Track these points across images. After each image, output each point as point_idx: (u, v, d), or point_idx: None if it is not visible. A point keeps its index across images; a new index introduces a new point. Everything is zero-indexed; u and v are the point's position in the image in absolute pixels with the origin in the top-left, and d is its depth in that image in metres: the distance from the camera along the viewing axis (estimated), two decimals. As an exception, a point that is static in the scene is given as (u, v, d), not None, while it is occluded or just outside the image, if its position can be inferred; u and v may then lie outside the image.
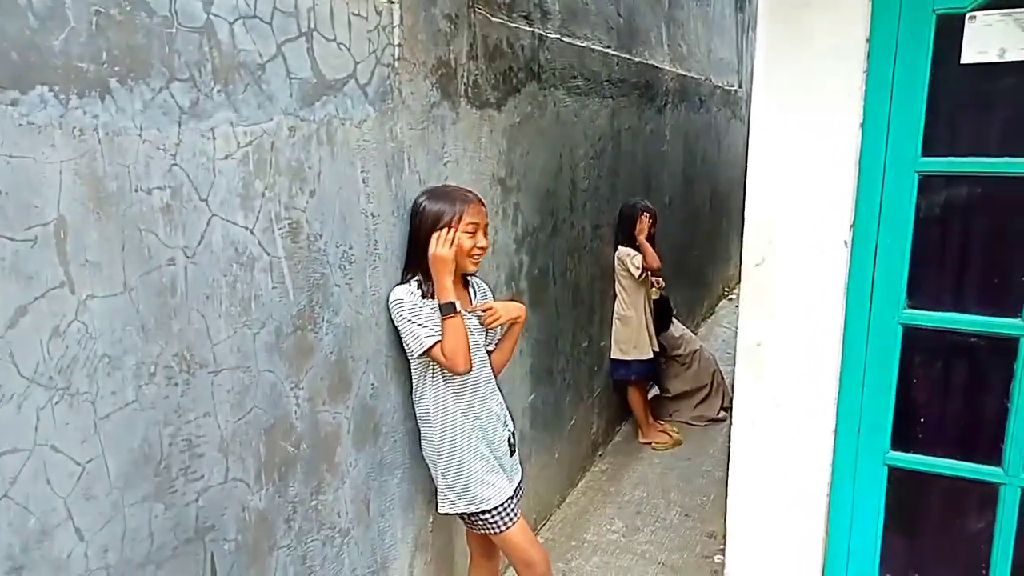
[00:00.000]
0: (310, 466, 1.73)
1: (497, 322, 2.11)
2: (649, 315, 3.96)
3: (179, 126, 1.33)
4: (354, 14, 1.79)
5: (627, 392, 4.03)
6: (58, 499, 1.17)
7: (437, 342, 1.93)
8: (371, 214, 1.90)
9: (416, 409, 2.08)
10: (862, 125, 1.75)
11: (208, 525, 1.45)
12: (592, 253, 3.58)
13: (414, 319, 1.94)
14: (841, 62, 1.75)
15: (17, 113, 1.07)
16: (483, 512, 2.05)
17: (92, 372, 1.21)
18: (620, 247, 3.83)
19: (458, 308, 1.94)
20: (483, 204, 2.06)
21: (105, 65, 1.19)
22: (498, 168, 2.60)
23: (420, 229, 2.00)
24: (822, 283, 1.86)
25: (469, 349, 1.95)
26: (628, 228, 3.80)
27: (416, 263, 2.01)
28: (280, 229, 1.59)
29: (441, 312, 1.93)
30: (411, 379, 2.08)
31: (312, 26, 1.65)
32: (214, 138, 1.41)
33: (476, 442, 2.05)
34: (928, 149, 1.70)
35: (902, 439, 1.85)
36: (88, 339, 1.20)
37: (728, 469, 2.08)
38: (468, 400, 2.04)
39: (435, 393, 2.02)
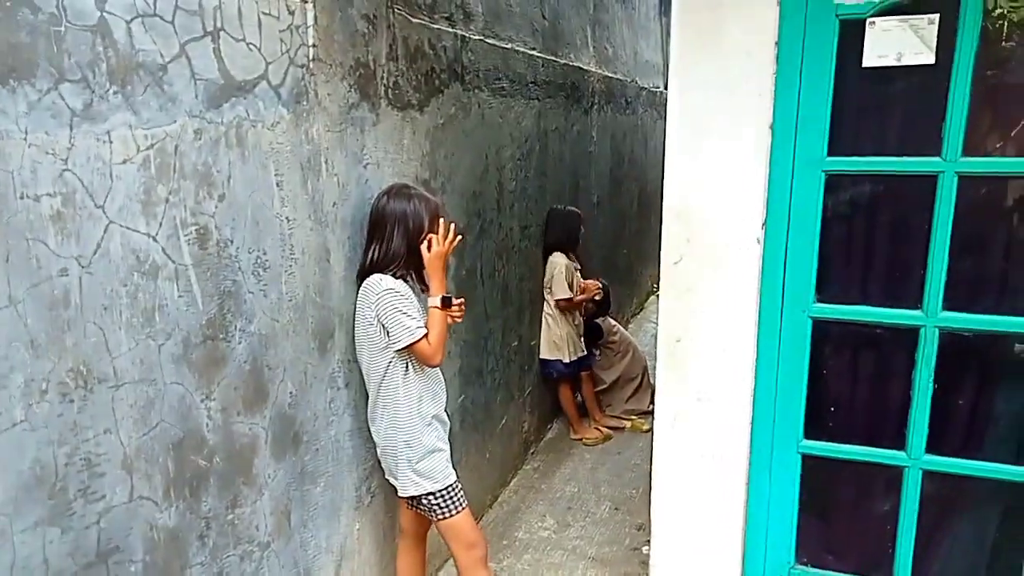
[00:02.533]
0: (224, 479, 1.68)
1: (461, 318, 2.23)
2: (576, 318, 4.02)
3: (71, 129, 1.27)
4: (264, 13, 1.74)
5: (558, 390, 4.07)
6: (-62, 528, 1.10)
7: (425, 335, 2.05)
8: (286, 218, 1.85)
9: (380, 400, 2.12)
10: (771, 126, 1.80)
11: (111, 547, 1.38)
12: (521, 253, 3.59)
13: (406, 310, 2.04)
14: (752, 64, 1.80)
15: None
16: (443, 489, 2.14)
17: (-25, 391, 1.13)
18: (555, 254, 3.85)
19: (453, 303, 2.14)
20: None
21: (-17, 65, 1.12)
22: (421, 170, 2.58)
23: (405, 229, 2.10)
24: (737, 279, 1.92)
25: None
26: (561, 233, 3.86)
27: (393, 262, 2.10)
28: (186, 235, 1.53)
29: (441, 304, 2.10)
30: (334, 386, 2.03)
31: (218, 25, 1.59)
32: (111, 142, 1.35)
33: (437, 427, 2.18)
34: (834, 149, 1.77)
35: (814, 427, 1.93)
36: (-31, 356, 1.12)
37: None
38: (433, 388, 2.18)
39: (406, 382, 2.11)
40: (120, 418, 1.39)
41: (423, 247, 2.11)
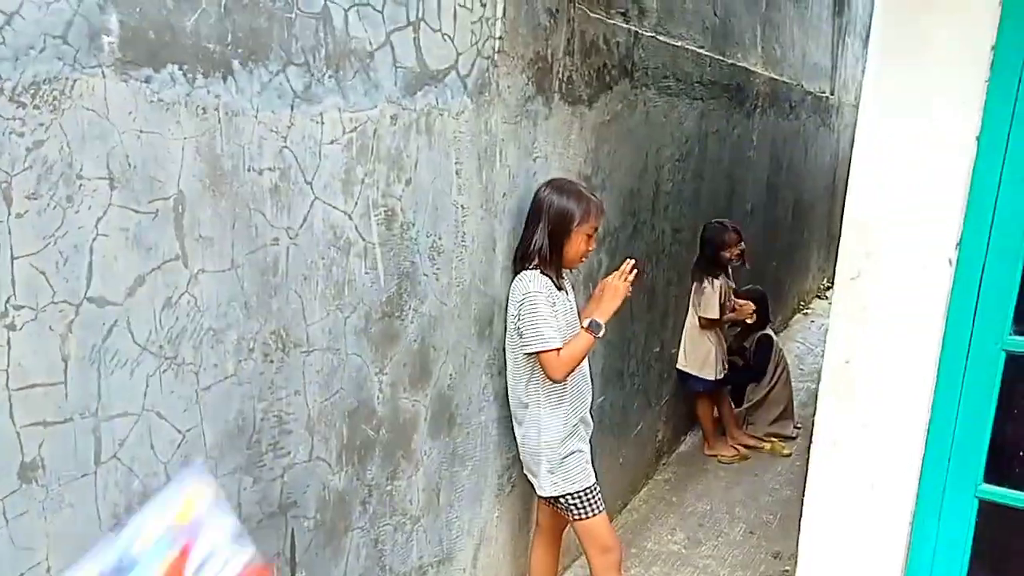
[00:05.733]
0: (387, 451, 1.76)
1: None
2: (721, 338, 3.87)
3: (292, 109, 1.36)
4: (460, 5, 1.79)
5: (696, 402, 3.96)
6: (160, 463, 1.22)
7: (558, 349, 2.02)
8: (461, 206, 1.90)
9: (521, 399, 2.13)
10: (978, 138, 1.64)
11: (291, 501, 1.49)
12: (670, 257, 3.51)
13: (546, 317, 2.02)
14: (961, 69, 1.64)
15: (149, 90, 1.11)
16: (581, 491, 2.13)
17: (198, 344, 1.25)
18: (707, 279, 3.71)
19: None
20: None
21: (229, 47, 1.23)
22: (584, 166, 2.58)
23: (549, 221, 2.08)
24: (921, 302, 1.76)
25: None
26: (711, 251, 3.72)
27: (535, 253, 2.08)
28: (376, 216, 1.61)
29: (593, 330, 2.08)
30: (488, 372, 2.08)
31: (420, 15, 1.66)
32: (322, 123, 1.43)
33: (581, 429, 2.19)
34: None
35: (997, 472, 1.74)
36: (196, 312, 1.23)
37: (804, 489, 1.99)
38: (580, 390, 2.19)
39: (549, 385, 2.08)
40: (308, 382, 1.48)
41: (614, 276, 2.13)
